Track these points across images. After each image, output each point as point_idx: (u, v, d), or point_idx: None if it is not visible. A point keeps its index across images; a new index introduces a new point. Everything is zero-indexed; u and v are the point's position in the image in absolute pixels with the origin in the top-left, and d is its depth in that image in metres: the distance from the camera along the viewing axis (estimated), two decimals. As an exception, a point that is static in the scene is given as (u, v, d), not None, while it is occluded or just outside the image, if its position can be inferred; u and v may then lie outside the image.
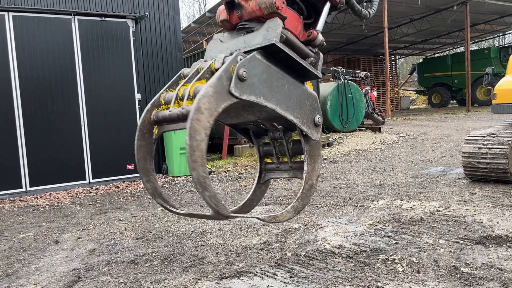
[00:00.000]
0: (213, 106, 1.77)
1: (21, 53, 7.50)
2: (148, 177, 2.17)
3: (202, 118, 1.73)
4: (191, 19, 48.25)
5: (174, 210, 2.14)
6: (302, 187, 2.21)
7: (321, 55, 2.26)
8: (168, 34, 9.38)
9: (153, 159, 2.15)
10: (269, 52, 2.01)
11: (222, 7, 2.26)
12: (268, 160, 2.57)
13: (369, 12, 2.76)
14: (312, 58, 2.20)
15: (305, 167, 2.21)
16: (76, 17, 7.92)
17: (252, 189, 2.59)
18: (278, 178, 2.56)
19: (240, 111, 2.31)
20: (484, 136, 6.12)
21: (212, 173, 8.74)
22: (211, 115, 1.76)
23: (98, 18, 8.15)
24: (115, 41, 8.31)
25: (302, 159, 2.31)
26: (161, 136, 8.90)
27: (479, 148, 6.03)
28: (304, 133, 2.17)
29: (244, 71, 1.85)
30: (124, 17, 8.42)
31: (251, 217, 2.25)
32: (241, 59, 1.88)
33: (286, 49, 2.00)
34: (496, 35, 36.05)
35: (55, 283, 3.49)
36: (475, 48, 36.07)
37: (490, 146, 5.93)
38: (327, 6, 2.35)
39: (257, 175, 2.60)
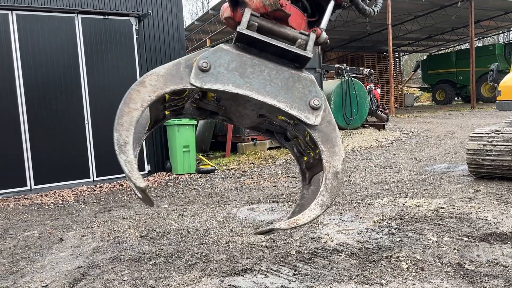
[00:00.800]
0: (159, 85, 1.86)
1: (25, 51, 7.53)
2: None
3: (144, 91, 1.82)
4: (194, 17, 48.36)
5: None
6: (324, 178, 2.07)
7: (312, 34, 2.16)
8: (171, 32, 9.37)
9: (139, 147, 2.25)
10: (248, 42, 2.04)
11: (226, 4, 2.26)
12: (305, 158, 2.56)
13: (373, 10, 2.75)
14: (300, 40, 2.14)
15: (322, 155, 2.10)
16: (80, 16, 7.94)
17: (301, 193, 2.55)
18: (318, 172, 2.48)
19: (237, 107, 2.32)
20: (488, 133, 6.09)
21: (216, 171, 8.75)
22: (155, 91, 1.84)
23: (101, 17, 8.16)
24: (118, 39, 8.32)
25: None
26: (165, 134, 8.97)
27: (484, 145, 6.01)
28: (298, 118, 2.07)
29: (204, 62, 1.92)
30: (127, 15, 8.43)
31: (267, 229, 2.11)
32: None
33: (255, 34, 2.02)
34: (500, 32, 35.87)
35: (60, 280, 3.51)
36: (480, 44, 35.84)
37: (495, 143, 5.91)
38: (331, 4, 2.34)
39: (301, 177, 2.58)
